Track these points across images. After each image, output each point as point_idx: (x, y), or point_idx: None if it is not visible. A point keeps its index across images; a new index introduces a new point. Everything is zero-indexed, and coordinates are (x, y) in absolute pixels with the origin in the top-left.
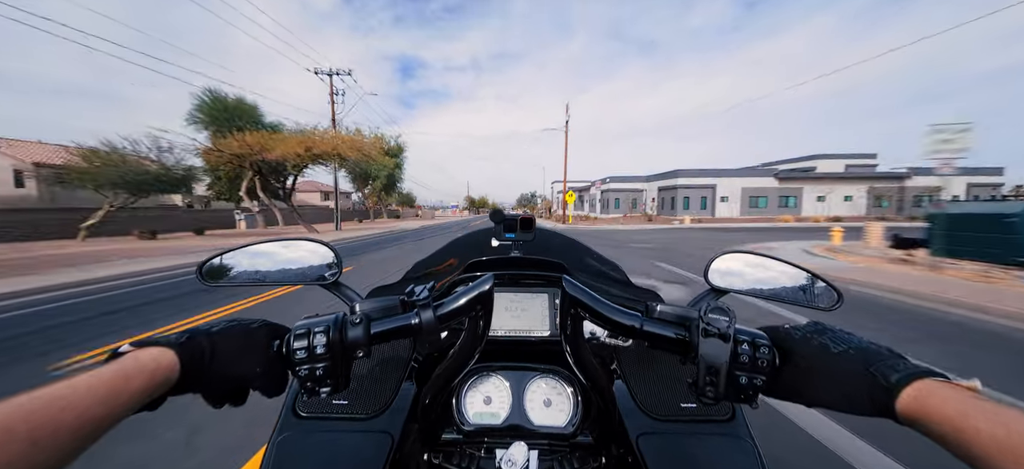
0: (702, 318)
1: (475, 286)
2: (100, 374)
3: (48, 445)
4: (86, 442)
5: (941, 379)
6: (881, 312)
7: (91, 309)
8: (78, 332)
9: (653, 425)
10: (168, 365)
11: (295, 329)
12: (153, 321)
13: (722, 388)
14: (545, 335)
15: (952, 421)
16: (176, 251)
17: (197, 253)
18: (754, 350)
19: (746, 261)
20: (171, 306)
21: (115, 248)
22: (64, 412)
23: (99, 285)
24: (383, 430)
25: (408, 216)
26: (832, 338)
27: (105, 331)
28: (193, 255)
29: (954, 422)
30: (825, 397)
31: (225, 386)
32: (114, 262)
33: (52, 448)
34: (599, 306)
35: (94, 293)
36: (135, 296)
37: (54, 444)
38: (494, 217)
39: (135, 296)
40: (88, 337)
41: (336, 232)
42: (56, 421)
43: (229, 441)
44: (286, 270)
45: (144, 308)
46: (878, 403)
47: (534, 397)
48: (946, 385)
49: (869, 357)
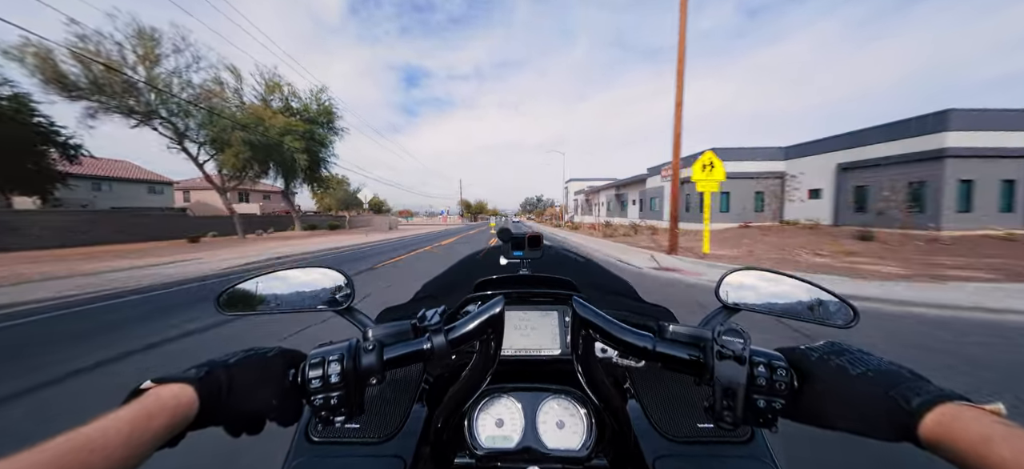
0: (716, 339)
1: (486, 309)
2: (124, 414)
3: None
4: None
5: (964, 403)
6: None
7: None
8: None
9: (670, 447)
10: (188, 402)
11: (310, 358)
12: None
13: (740, 412)
14: (556, 354)
15: (975, 448)
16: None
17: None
18: (771, 372)
19: (758, 277)
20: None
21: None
22: (92, 455)
23: None
24: (395, 454)
25: (359, 226)
26: (850, 359)
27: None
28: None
29: (978, 448)
30: (845, 421)
31: (242, 418)
32: None
33: None
34: (610, 327)
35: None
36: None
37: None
38: (502, 235)
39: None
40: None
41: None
42: (84, 464)
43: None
44: (301, 296)
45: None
46: (900, 428)
47: (547, 419)
48: (969, 409)
49: (890, 379)
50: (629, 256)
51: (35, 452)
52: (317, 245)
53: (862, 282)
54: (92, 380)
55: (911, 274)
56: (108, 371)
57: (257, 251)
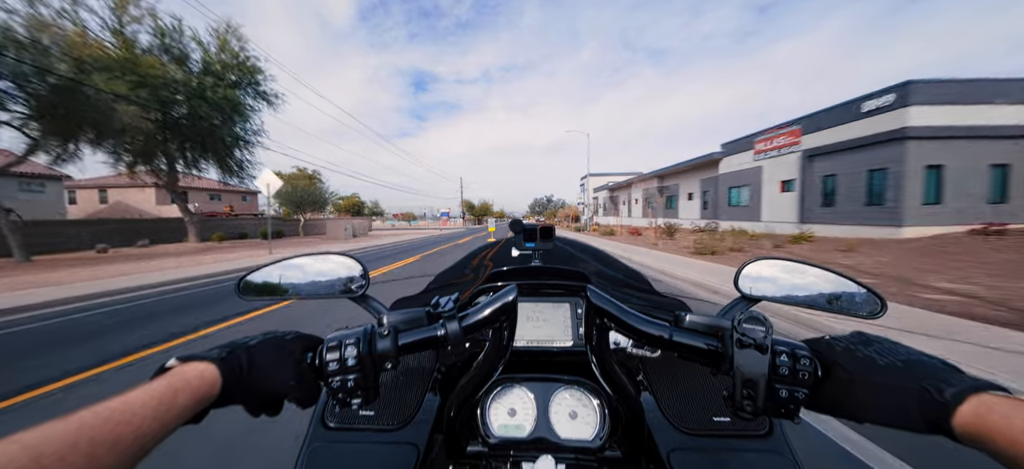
0: (736, 328)
1: (499, 297)
2: (151, 389)
3: (107, 460)
4: (140, 456)
5: (1001, 393)
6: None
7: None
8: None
9: (685, 440)
10: (211, 379)
11: (327, 341)
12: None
13: (761, 402)
14: (568, 345)
15: (1016, 440)
16: None
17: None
18: (794, 361)
19: (779, 267)
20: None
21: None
22: (120, 427)
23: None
24: (408, 441)
25: (312, 234)
26: (878, 349)
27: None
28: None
29: (1017, 440)
30: (873, 412)
31: (262, 398)
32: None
33: (109, 463)
34: (625, 316)
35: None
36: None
37: (113, 458)
38: (514, 227)
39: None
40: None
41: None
42: (114, 435)
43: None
44: (316, 283)
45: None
46: (932, 420)
47: (559, 409)
48: (1007, 400)
49: (920, 370)
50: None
51: (68, 421)
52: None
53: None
54: None
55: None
56: None
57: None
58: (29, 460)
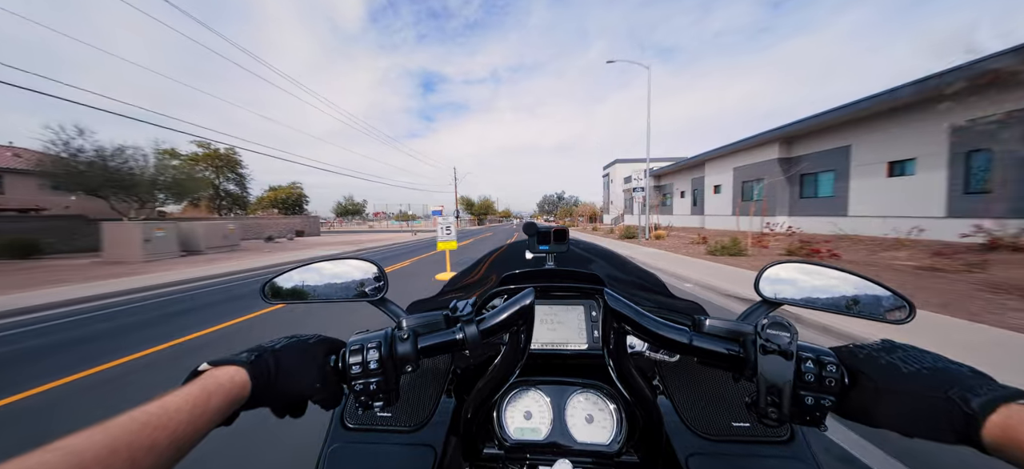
0: (759, 333)
1: (516, 300)
2: (185, 393)
3: (146, 463)
4: (177, 458)
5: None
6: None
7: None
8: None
9: (704, 445)
10: (241, 382)
11: (350, 344)
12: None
13: (787, 409)
14: (583, 348)
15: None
16: None
17: None
18: (820, 368)
19: (800, 270)
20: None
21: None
22: (158, 431)
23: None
24: (425, 443)
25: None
26: (903, 357)
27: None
28: None
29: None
30: (899, 422)
31: (288, 400)
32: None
33: (149, 465)
34: (644, 320)
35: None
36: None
37: (151, 461)
38: (527, 229)
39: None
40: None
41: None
42: (152, 440)
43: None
44: (336, 286)
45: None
46: (959, 430)
47: (575, 413)
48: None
49: (948, 379)
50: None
51: (105, 427)
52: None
53: None
54: None
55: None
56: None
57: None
58: (73, 464)
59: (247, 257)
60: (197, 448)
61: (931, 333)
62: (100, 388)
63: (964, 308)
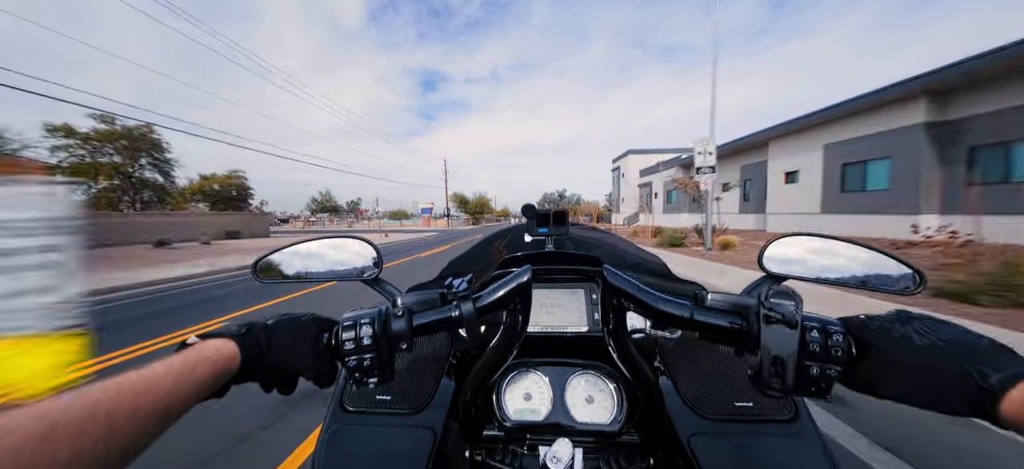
0: (763, 304)
1: (513, 278)
2: (170, 363)
3: (126, 431)
4: (160, 428)
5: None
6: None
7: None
8: None
9: (706, 425)
10: (230, 355)
11: (343, 321)
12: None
13: (791, 380)
14: (583, 330)
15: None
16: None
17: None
18: (825, 338)
19: (806, 245)
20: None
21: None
22: (139, 399)
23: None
24: (425, 425)
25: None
26: (917, 329)
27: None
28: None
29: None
30: (908, 393)
31: (279, 375)
32: None
33: (129, 433)
34: (644, 295)
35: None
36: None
37: (131, 429)
38: (527, 212)
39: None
40: None
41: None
42: (132, 407)
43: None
44: (332, 267)
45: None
46: (973, 403)
47: (575, 394)
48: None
49: (964, 352)
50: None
51: (85, 393)
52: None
53: None
54: None
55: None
56: None
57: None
58: (43, 428)
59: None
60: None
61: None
62: None
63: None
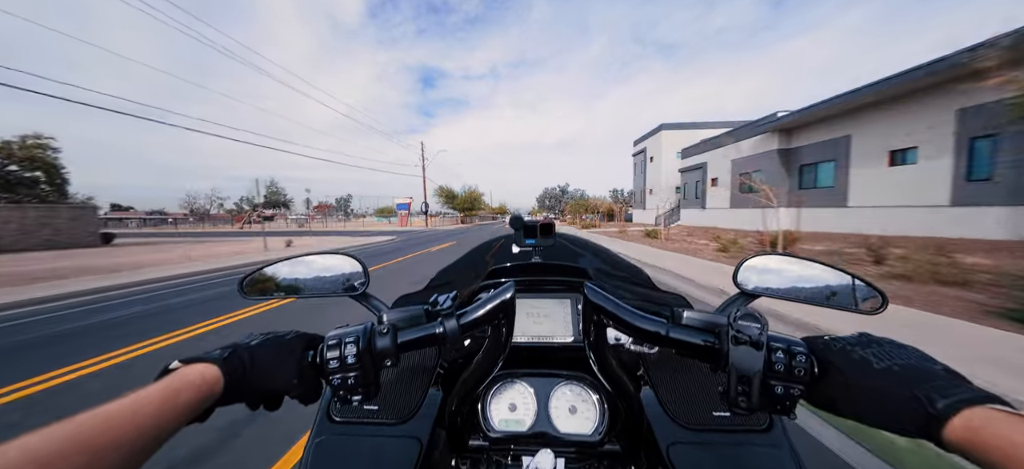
0: (731, 325)
1: (496, 295)
2: (153, 390)
3: (108, 459)
4: (144, 455)
5: (999, 407)
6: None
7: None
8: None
9: (685, 434)
10: (213, 379)
11: (327, 340)
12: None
13: (755, 398)
14: (568, 341)
15: (1006, 454)
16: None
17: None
18: (789, 358)
19: (779, 262)
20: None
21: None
22: (123, 428)
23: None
24: (412, 435)
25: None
26: (876, 352)
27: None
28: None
29: (1009, 455)
30: (863, 413)
31: (264, 395)
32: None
33: (113, 462)
34: (622, 313)
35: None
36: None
37: (115, 458)
38: (513, 224)
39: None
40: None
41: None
42: (115, 436)
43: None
44: (320, 282)
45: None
46: (920, 426)
47: (559, 404)
48: (1002, 414)
49: (916, 377)
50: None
51: (66, 424)
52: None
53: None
54: None
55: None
56: None
57: None
58: (28, 462)
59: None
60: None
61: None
62: None
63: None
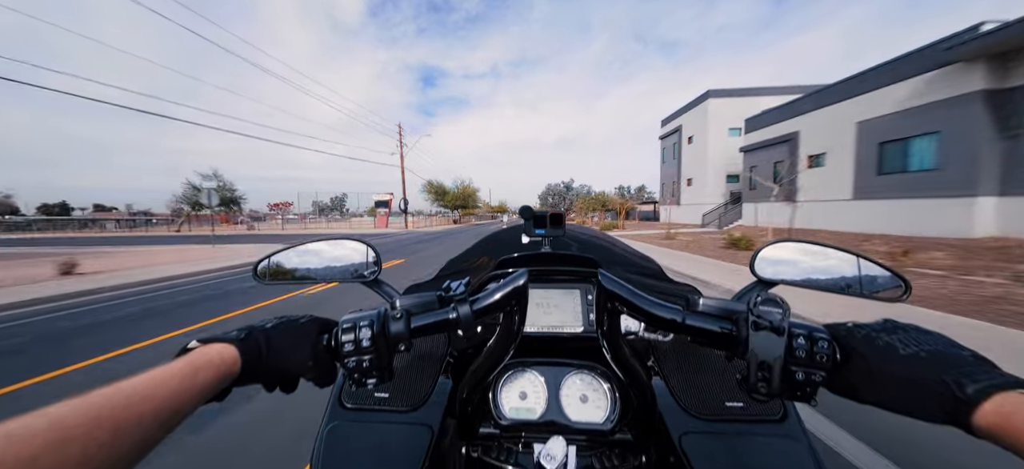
0: (752, 310)
1: (510, 281)
2: (173, 368)
3: (130, 434)
4: (163, 431)
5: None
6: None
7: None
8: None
9: (697, 424)
10: (231, 359)
11: (342, 323)
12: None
13: (776, 384)
14: (578, 331)
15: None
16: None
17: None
18: (811, 344)
19: (797, 249)
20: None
21: None
22: (144, 403)
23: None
24: (423, 423)
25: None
26: (902, 338)
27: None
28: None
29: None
30: (888, 400)
31: (280, 376)
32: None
33: (133, 437)
34: (637, 300)
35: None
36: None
37: (135, 433)
38: (524, 213)
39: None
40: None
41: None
42: (137, 411)
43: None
44: (331, 268)
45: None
46: (949, 412)
47: (570, 393)
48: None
49: (945, 362)
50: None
51: (91, 397)
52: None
53: None
54: None
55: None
56: None
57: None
58: (58, 434)
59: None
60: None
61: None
62: None
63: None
